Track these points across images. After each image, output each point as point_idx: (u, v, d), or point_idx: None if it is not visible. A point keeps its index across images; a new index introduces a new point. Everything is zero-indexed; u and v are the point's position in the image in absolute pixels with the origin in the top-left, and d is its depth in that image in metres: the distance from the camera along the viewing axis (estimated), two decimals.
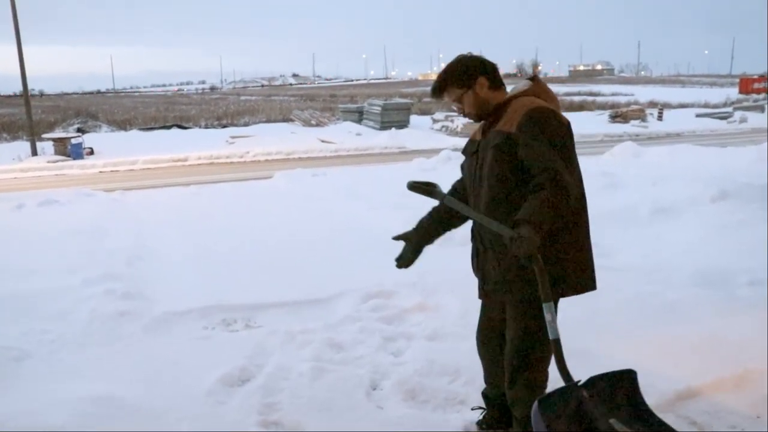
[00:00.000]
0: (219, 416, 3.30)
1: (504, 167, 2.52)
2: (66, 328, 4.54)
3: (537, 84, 2.70)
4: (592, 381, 2.37)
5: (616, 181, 9.95)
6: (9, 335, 4.37)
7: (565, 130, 2.51)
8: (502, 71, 2.85)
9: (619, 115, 28.65)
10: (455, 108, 2.79)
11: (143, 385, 3.61)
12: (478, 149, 2.70)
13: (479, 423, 3.10)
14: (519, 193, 2.50)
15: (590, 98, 45.08)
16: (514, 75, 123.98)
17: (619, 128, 25.39)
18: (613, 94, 50.24)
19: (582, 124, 25.55)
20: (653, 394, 3.39)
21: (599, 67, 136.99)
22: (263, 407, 3.33)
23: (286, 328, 4.27)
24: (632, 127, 26.24)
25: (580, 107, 38.05)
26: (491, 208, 2.58)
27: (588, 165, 12.85)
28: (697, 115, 32.07)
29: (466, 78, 2.66)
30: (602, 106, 37.51)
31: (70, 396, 3.37)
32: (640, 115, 28.52)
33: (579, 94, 50.84)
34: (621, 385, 2.43)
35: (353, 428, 3.15)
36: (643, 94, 49.78)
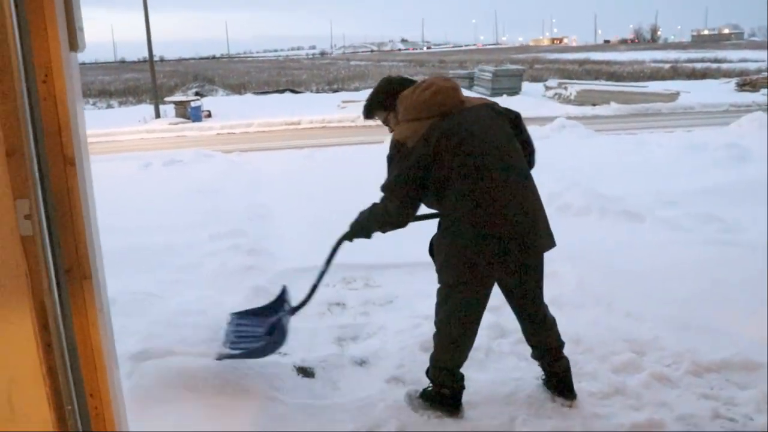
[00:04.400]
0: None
1: None
2: (197, 278, 4.85)
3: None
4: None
5: (743, 153, 9.42)
6: (146, 282, 4.72)
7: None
8: (617, 37, 2.84)
9: (748, 83, 26.71)
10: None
11: None
12: None
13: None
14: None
15: (714, 65, 42.23)
16: (632, 41, 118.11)
17: (748, 97, 23.68)
18: (741, 61, 46.84)
19: (704, 93, 24.18)
20: None
21: (726, 30, 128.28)
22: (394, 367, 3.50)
23: (404, 288, 4.39)
24: (762, 96, 24.44)
25: (703, 75, 35.83)
26: None
27: (711, 136, 12.29)
28: None
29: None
30: (728, 74, 35.09)
31: (206, 340, 3.61)
32: None
33: (702, 60, 47.79)
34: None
35: (471, 377, 3.22)
36: None
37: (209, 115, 20.42)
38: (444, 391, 3.07)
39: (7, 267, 1.38)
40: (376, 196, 2.89)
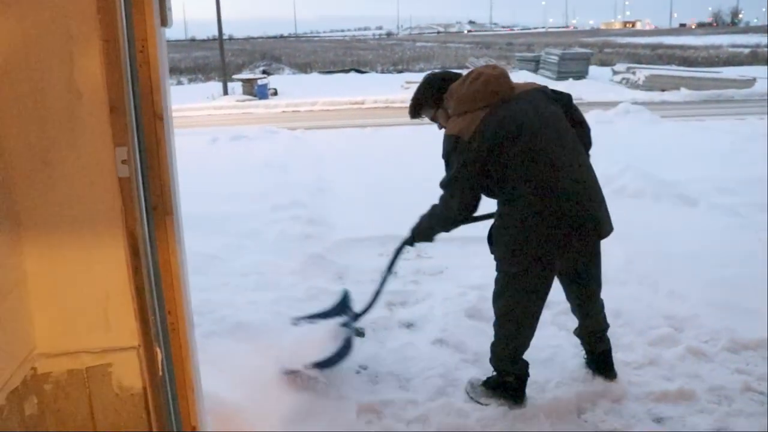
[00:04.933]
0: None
1: None
2: (259, 244, 5.17)
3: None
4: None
5: None
6: (212, 245, 5.06)
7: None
8: (694, 20, 2.83)
9: None
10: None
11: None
12: None
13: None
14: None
15: None
16: (709, 24, 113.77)
17: None
18: None
19: None
20: None
21: None
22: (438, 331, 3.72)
23: (454, 260, 4.60)
24: None
25: None
26: None
27: None
28: None
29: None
30: None
31: (265, 298, 3.93)
32: None
33: None
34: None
35: None
36: None
37: (275, 93, 20.90)
38: (508, 379, 2.99)
39: (107, 202, 1.71)
40: (434, 175, 2.99)
